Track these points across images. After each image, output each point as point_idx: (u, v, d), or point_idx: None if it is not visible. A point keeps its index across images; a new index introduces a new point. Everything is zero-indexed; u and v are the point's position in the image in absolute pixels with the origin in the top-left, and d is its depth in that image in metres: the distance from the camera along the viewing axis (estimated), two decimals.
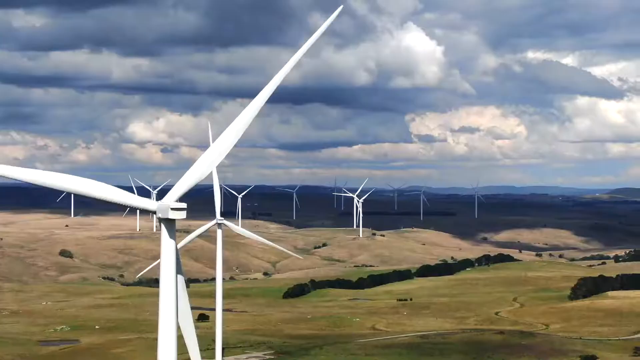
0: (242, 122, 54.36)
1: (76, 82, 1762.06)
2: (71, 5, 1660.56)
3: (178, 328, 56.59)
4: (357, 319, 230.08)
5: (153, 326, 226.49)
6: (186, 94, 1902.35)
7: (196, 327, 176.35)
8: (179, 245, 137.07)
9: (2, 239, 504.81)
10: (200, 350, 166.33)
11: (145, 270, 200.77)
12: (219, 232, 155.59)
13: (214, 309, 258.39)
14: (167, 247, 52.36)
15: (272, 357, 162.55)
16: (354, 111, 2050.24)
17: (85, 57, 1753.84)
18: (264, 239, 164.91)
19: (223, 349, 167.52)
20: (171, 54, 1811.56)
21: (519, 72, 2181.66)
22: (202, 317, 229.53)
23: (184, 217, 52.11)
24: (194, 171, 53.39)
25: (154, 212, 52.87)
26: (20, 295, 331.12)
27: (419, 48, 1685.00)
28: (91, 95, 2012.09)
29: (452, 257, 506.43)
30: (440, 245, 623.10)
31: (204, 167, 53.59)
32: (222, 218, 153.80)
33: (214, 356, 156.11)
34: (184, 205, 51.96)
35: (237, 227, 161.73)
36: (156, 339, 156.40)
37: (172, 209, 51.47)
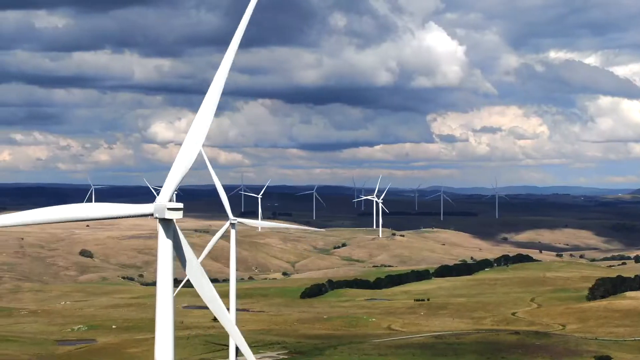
0: (206, 113, 54.93)
1: (98, 82, 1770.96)
2: (93, 6, 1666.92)
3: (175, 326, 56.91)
4: (373, 319, 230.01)
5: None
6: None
7: (212, 327, 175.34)
8: (203, 255, 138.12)
9: (23, 239, 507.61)
10: (214, 350, 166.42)
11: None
12: (233, 232, 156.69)
13: (228, 309, 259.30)
14: (164, 246, 52.72)
15: (286, 356, 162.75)
16: (375, 111, 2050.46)
17: (107, 57, 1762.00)
18: (276, 223, 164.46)
19: (237, 349, 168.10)
20: (192, 54, 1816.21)
21: (541, 72, 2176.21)
22: None
23: (181, 216, 52.54)
24: (176, 169, 53.86)
25: (151, 215, 53.35)
26: (39, 295, 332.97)
27: (440, 48, 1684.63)
28: (113, 96, 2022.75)
29: (471, 258, 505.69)
30: (460, 245, 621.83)
31: (184, 163, 54.00)
32: (235, 218, 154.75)
33: (228, 356, 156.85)
34: (180, 205, 52.41)
35: (251, 220, 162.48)
36: (172, 339, 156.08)
37: (168, 209, 51.87)
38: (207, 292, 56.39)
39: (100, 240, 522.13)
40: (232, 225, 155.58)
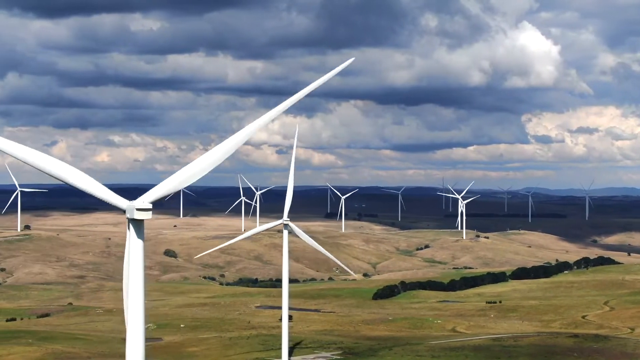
0: (231, 144, 56.05)
1: (193, 84, 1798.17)
2: (187, 9, 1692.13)
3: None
4: (439, 321, 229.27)
5: (236, 325, 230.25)
6: None
7: (277, 327, 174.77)
8: (241, 236, 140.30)
9: (110, 238, 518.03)
10: (269, 350, 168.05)
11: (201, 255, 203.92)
12: (285, 233, 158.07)
13: (299, 309, 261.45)
14: (135, 246, 53.91)
15: (339, 357, 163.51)
16: (468, 112, 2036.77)
17: (201, 60, 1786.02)
18: (317, 245, 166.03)
19: (292, 348, 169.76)
20: (284, 56, 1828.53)
21: (638, 72, 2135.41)
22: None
23: (150, 217, 53.67)
24: (171, 181, 54.85)
25: (124, 211, 54.52)
26: (119, 294, 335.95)
27: (534, 47, 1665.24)
28: (207, 98, 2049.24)
29: (556, 260, 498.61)
30: (546, 247, 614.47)
31: (178, 181, 54.99)
32: (288, 219, 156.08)
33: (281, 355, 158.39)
34: (149, 206, 53.50)
35: (299, 230, 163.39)
36: (232, 338, 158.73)
37: (137, 209, 53.06)
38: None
39: (185, 240, 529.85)
40: (285, 226, 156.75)
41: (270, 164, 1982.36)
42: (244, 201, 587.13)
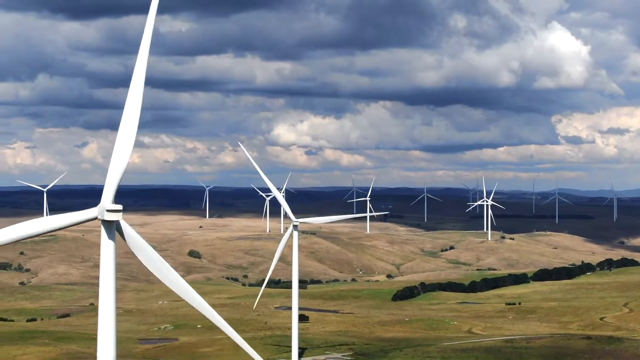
0: (131, 114, 56.41)
1: (221, 86, 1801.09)
2: (215, 11, 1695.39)
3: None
4: (455, 322, 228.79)
5: (253, 326, 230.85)
6: (329, 97, 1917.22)
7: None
8: (273, 262, 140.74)
9: None
10: (282, 352, 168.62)
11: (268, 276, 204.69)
12: (295, 234, 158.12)
13: (317, 310, 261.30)
14: (106, 247, 54.41)
15: (350, 357, 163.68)
16: (498, 112, 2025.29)
17: (229, 61, 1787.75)
18: (338, 217, 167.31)
19: (303, 349, 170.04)
20: (313, 57, 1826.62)
21: None
22: (302, 318, 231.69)
23: (120, 217, 54.21)
24: (112, 172, 55.34)
25: (96, 218, 55.06)
26: (140, 295, 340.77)
27: (564, 48, 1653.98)
28: (236, 99, 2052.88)
29: (582, 262, 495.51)
30: (572, 249, 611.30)
31: (119, 165, 55.45)
32: (297, 220, 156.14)
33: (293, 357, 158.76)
34: (119, 207, 54.06)
35: (314, 219, 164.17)
36: (246, 339, 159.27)
37: (107, 210, 53.59)
38: (175, 284, 58.05)
39: (209, 241, 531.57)
40: (295, 227, 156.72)
41: (299, 164, 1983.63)
42: (269, 202, 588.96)
